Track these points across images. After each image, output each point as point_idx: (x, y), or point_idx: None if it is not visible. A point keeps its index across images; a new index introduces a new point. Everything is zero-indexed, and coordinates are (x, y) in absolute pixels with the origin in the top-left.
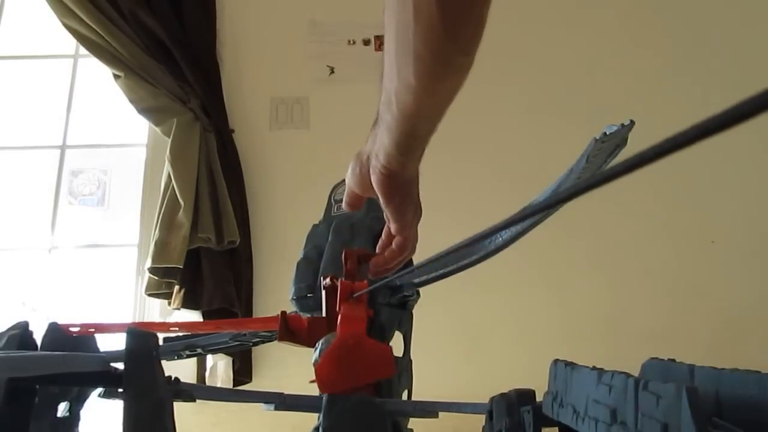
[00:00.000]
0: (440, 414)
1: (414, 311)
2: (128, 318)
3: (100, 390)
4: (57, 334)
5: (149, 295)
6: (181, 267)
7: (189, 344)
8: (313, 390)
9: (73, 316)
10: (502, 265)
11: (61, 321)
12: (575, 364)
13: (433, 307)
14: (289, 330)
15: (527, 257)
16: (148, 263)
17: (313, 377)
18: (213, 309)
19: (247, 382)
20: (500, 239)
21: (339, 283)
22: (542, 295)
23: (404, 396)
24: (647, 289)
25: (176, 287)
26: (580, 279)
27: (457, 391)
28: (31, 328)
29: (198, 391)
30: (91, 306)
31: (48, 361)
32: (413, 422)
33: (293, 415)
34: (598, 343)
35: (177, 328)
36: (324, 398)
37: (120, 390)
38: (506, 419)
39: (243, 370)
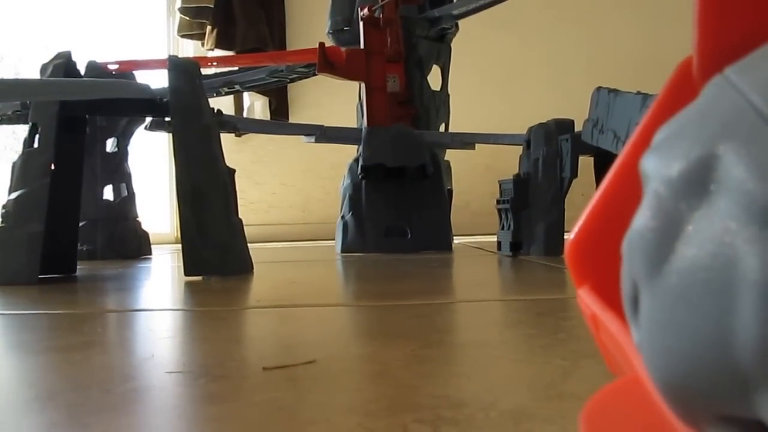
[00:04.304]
0: (476, 149)
1: (452, 46)
2: None
3: (146, 123)
4: (96, 72)
5: (182, 36)
6: (212, 6)
7: (227, 81)
8: (352, 124)
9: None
10: (537, 6)
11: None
12: (618, 90)
13: (471, 44)
14: (327, 61)
15: None
16: (178, 3)
17: None
18: (246, 49)
19: (284, 121)
20: None
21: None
22: (576, 34)
23: (442, 129)
24: (678, 25)
25: (208, 27)
26: (611, 17)
27: (492, 127)
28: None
29: (241, 123)
30: (122, 50)
31: (96, 86)
32: (450, 156)
33: (330, 154)
34: (631, 80)
35: (216, 63)
36: (364, 130)
37: (167, 120)
38: (544, 148)
39: (280, 110)
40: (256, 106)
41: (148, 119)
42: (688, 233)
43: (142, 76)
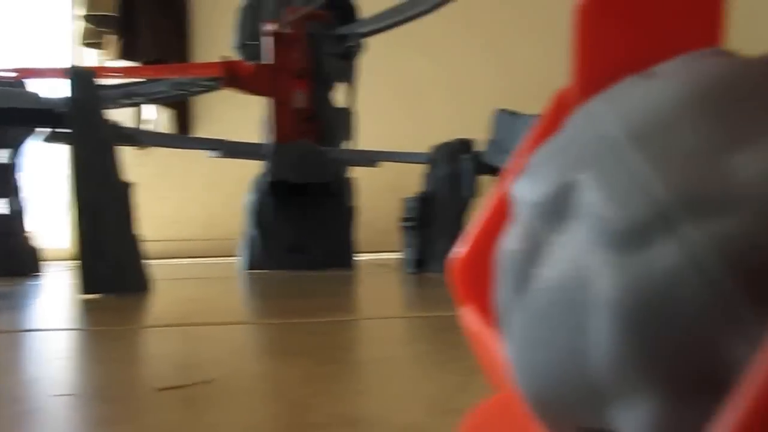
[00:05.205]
0: (381, 167)
1: (358, 64)
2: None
3: (45, 135)
4: None
5: (85, 45)
6: (117, 15)
7: (128, 92)
8: (257, 138)
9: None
10: (445, 27)
11: None
12: (518, 112)
13: (377, 65)
14: (233, 76)
15: (469, 20)
16: (82, 11)
17: None
18: (150, 60)
19: (187, 135)
20: None
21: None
22: (482, 55)
23: (347, 146)
24: None
25: (112, 37)
26: (518, 40)
27: (397, 145)
28: None
29: (142, 136)
30: (21, 58)
31: None
32: (355, 174)
33: (235, 168)
34: (535, 103)
35: (118, 74)
36: (269, 145)
37: (64, 131)
38: (447, 166)
39: (183, 123)
40: (158, 118)
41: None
42: (550, 255)
43: (40, 85)
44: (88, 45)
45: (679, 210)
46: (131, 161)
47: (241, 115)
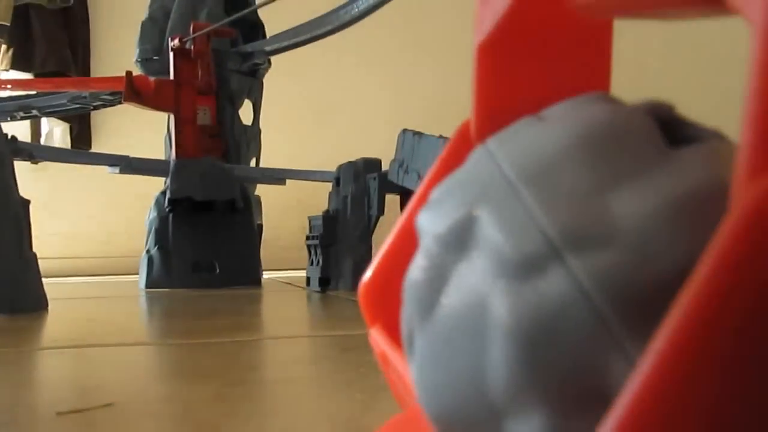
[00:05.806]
0: (287, 185)
1: (264, 82)
2: None
3: None
4: None
5: None
6: (8, 24)
7: (23, 105)
8: (159, 155)
9: None
10: (349, 48)
11: None
12: (422, 133)
13: (283, 81)
14: (134, 91)
15: (378, 38)
16: None
17: None
18: (46, 72)
19: (86, 150)
20: (356, 10)
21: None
22: (385, 76)
23: (252, 163)
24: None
25: (3, 47)
26: (418, 63)
27: (303, 164)
28: None
29: (38, 151)
30: None
31: None
32: (261, 191)
33: (136, 184)
34: (436, 124)
35: (10, 86)
36: (172, 162)
37: None
38: (352, 185)
39: (81, 138)
40: (55, 132)
41: None
42: (452, 284)
43: None
44: None
45: (566, 244)
46: (26, 176)
47: (143, 131)
